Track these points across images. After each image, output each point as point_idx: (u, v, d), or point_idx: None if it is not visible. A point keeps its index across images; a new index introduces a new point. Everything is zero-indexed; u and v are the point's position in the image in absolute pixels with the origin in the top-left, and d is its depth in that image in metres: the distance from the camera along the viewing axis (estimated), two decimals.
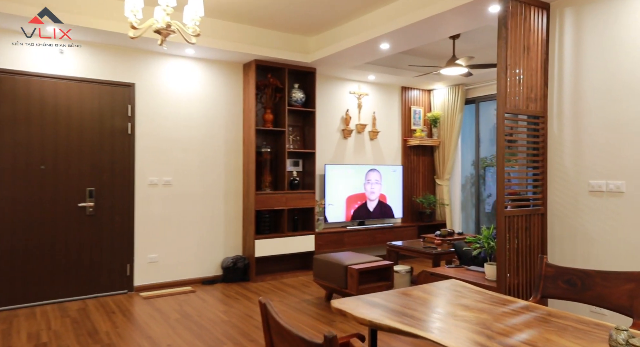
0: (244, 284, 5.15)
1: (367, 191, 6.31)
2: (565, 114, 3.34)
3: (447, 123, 6.78)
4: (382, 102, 6.66)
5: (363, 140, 6.49)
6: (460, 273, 3.67)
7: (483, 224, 7.45)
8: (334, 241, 5.85)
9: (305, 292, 4.82)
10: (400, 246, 4.89)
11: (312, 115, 5.72)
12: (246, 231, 5.39)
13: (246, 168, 5.40)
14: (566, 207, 3.34)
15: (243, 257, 5.30)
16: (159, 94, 4.95)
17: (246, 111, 5.41)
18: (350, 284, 4.03)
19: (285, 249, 5.43)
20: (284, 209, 5.43)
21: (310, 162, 5.78)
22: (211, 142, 5.29)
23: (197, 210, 5.19)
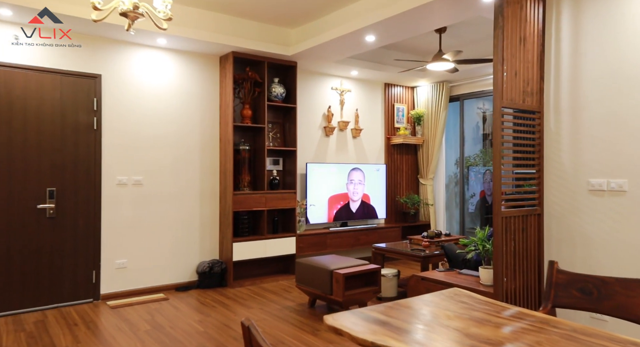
0: (221, 290, 4.84)
1: (349, 191, 6.07)
2: (563, 109, 3.17)
3: (431, 121, 6.61)
4: (365, 98, 6.44)
5: (345, 138, 6.26)
6: (452, 277, 3.46)
7: (467, 224, 7.33)
8: (316, 243, 5.59)
9: (287, 298, 4.54)
10: (386, 249, 4.67)
11: (293, 112, 5.44)
12: (223, 233, 5.08)
13: (223, 167, 5.09)
14: (564, 208, 3.16)
15: (220, 261, 4.98)
16: (128, 87, 4.60)
17: (223, 106, 5.10)
18: (336, 290, 3.78)
19: (265, 253, 5.14)
20: (264, 210, 5.14)
21: (291, 161, 5.50)
22: (185, 139, 4.96)
23: (171, 211, 4.85)
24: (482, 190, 7.78)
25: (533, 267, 3.22)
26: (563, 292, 2.03)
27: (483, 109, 7.92)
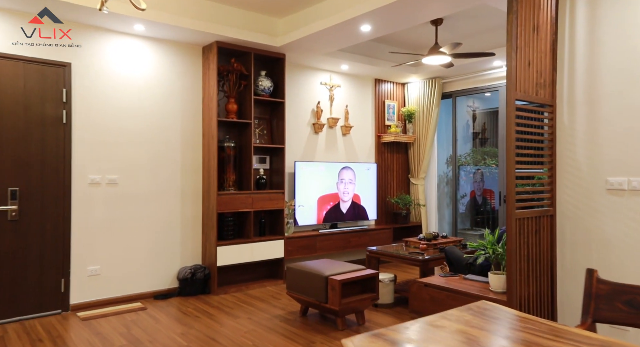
0: (205, 297, 4.49)
1: (340, 190, 5.79)
2: (577, 101, 2.95)
3: (423, 118, 6.38)
4: (355, 94, 6.17)
5: (335, 135, 5.97)
6: (458, 283, 3.21)
7: (459, 225, 7.12)
8: (305, 246, 5.28)
9: (276, 305, 4.22)
10: (382, 252, 4.40)
11: (281, 107, 5.13)
12: (206, 236, 4.73)
13: (206, 165, 4.74)
14: (579, 208, 2.94)
15: (203, 266, 4.63)
16: (102, 77, 4.21)
17: (206, 100, 4.75)
18: (332, 298, 3.48)
19: (251, 257, 4.81)
20: (250, 211, 4.81)
21: (278, 159, 5.19)
22: (165, 134, 4.59)
23: (149, 213, 4.47)
24: (472, 190, 7.62)
25: (546, 273, 2.99)
26: (606, 305, 1.78)
27: (473, 107, 7.76)
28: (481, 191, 7.64)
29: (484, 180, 7.55)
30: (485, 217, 7.59)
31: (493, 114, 7.89)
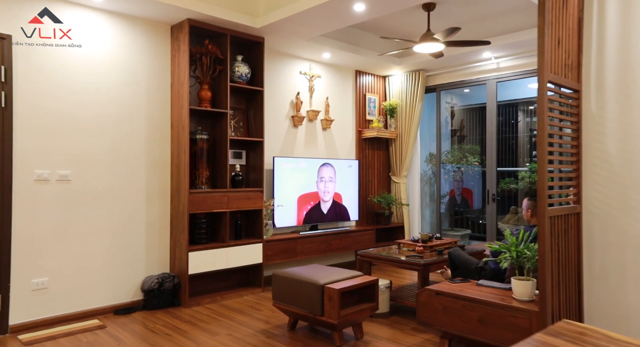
0: (174, 310, 3.92)
1: (320, 189, 5.35)
2: (607, 86, 2.65)
3: (406, 113, 6.05)
4: (335, 86, 5.75)
5: (315, 129, 5.53)
6: (473, 291, 2.84)
7: (443, 226, 6.86)
8: (285, 249, 4.80)
9: (259, 318, 3.73)
10: (375, 256, 3.99)
11: (259, 96, 4.63)
12: (176, 240, 4.16)
13: (176, 159, 4.17)
14: (610, 205, 2.65)
15: (172, 275, 4.06)
16: (52, 54, 3.57)
17: (175, 86, 4.18)
18: (329, 310, 3.04)
19: (227, 263, 4.28)
20: (226, 211, 4.28)
21: (256, 154, 4.68)
22: (127, 123, 3.99)
23: (107, 215, 3.86)
24: (451, 189, 7.38)
25: (573, 277, 2.68)
26: None
27: (451, 104, 7.53)
28: (460, 190, 7.42)
29: (463, 179, 7.34)
30: (465, 217, 7.38)
31: (472, 111, 7.71)
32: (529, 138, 7.32)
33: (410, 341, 3.20)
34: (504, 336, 2.56)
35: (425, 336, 3.29)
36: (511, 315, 2.53)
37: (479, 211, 7.25)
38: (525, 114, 7.22)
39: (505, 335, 2.55)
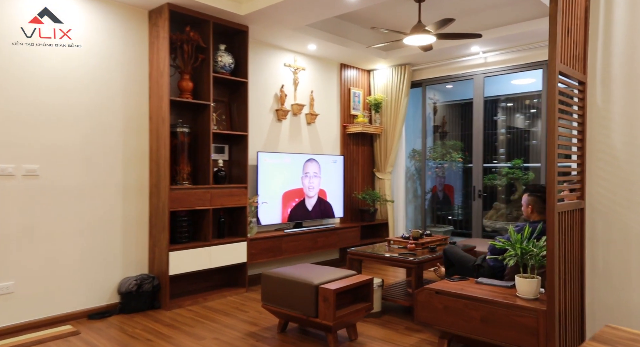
0: (154, 313, 3.68)
1: (305, 185, 5.18)
2: (614, 79, 2.59)
3: (391, 108, 5.95)
4: (320, 80, 5.58)
5: (299, 124, 5.35)
6: (475, 289, 2.74)
7: (419, 223, 6.80)
8: (270, 248, 4.61)
9: (245, 320, 3.54)
10: (367, 254, 3.85)
11: (243, 88, 4.42)
12: (156, 239, 3.91)
13: (155, 154, 3.92)
14: (614, 201, 2.59)
15: (151, 276, 3.82)
16: (15, 35, 3.28)
17: (155, 75, 3.93)
18: (324, 311, 2.88)
19: (209, 263, 4.06)
20: (209, 209, 4.06)
21: (239, 149, 4.48)
22: (102, 114, 3.72)
23: (81, 213, 3.59)
24: (434, 185, 7.34)
25: (577, 275, 2.61)
26: None
27: (434, 100, 7.48)
28: (442, 186, 7.39)
29: (445, 175, 7.31)
30: (448, 214, 7.35)
31: (454, 107, 7.68)
32: (507, 135, 7.35)
33: (406, 342, 3.08)
34: (508, 336, 2.46)
35: (421, 336, 3.18)
36: (517, 314, 2.44)
37: (460, 207, 7.24)
38: (503, 111, 7.24)
39: (510, 335, 2.46)
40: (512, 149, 7.46)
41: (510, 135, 7.37)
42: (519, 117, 7.43)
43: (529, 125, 7.42)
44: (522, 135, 7.48)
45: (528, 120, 7.28)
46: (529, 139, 7.54)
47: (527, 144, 7.40)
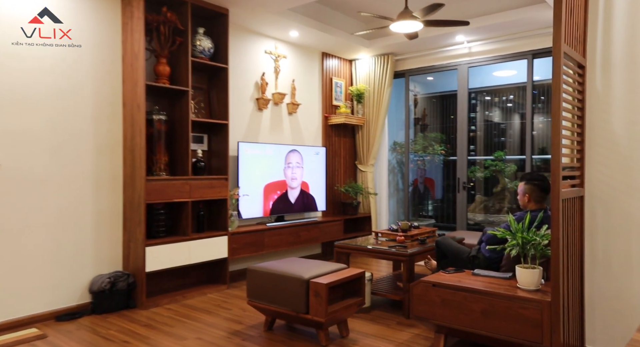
0: (130, 313, 3.44)
1: (287, 176, 5.00)
2: (614, 63, 2.52)
3: (374, 99, 5.82)
4: (301, 68, 5.40)
5: (281, 114, 5.16)
6: (473, 281, 2.64)
7: (401, 216, 6.73)
8: (252, 242, 4.42)
9: (229, 318, 3.34)
10: (355, 247, 3.71)
11: (223, 74, 4.20)
12: (130, 234, 3.66)
13: (130, 142, 3.67)
14: (615, 188, 2.53)
15: (126, 273, 3.57)
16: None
17: (128, 58, 3.67)
18: (315, 307, 2.72)
19: (189, 258, 3.84)
20: (187, 201, 3.84)
21: (219, 139, 4.26)
22: (70, 99, 3.44)
23: (47, 205, 3.31)
24: (415, 178, 7.28)
25: (577, 265, 2.54)
26: None
27: (414, 92, 7.41)
28: (423, 179, 7.34)
29: (426, 168, 7.27)
30: (429, 207, 7.31)
31: (434, 99, 7.64)
32: (485, 128, 7.35)
33: (400, 337, 2.96)
34: (511, 329, 2.37)
35: (414, 331, 3.07)
36: (519, 306, 2.34)
37: (441, 200, 7.21)
38: (481, 104, 7.24)
39: (512, 327, 2.36)
40: (489, 142, 7.47)
41: (487, 129, 7.39)
42: (497, 110, 7.45)
43: (505, 118, 7.44)
44: (499, 128, 7.51)
45: (507, 113, 7.31)
46: (505, 132, 7.58)
47: (504, 137, 7.44)
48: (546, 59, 4.89)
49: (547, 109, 6.22)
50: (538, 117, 6.84)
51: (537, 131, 7.01)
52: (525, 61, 4.88)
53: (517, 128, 7.44)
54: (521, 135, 7.19)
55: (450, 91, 7.35)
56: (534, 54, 4.79)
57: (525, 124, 7.16)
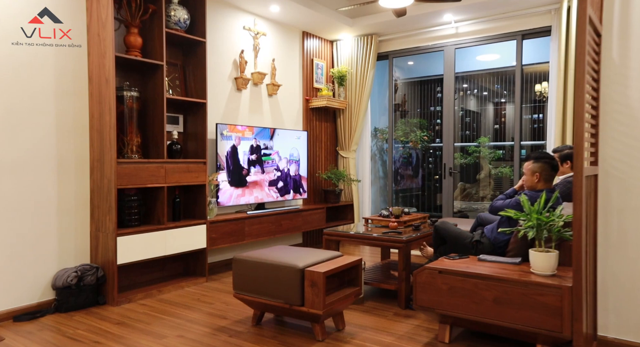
0: (99, 310, 3.10)
1: (268, 163, 4.71)
2: (633, 33, 2.36)
3: (356, 82, 5.58)
4: (282, 48, 5.10)
5: (260, 95, 4.85)
6: (478, 267, 2.46)
7: (381, 204, 6.57)
8: (232, 232, 4.12)
9: (212, 313, 3.05)
10: (346, 234, 3.48)
11: (200, 49, 3.86)
12: (99, 223, 3.30)
13: (98, 121, 3.29)
14: (631, 166, 2.39)
15: (94, 266, 3.22)
16: None
17: (94, 27, 3.28)
18: (311, 298, 2.47)
19: (165, 249, 3.52)
20: (163, 186, 3.50)
21: (196, 119, 3.92)
22: (27, 72, 3.04)
23: (2, 191, 2.92)
24: (398, 166, 7.11)
25: (591, 248, 2.38)
26: None
27: (395, 77, 7.23)
28: (404, 166, 7.19)
29: (409, 155, 7.11)
30: (409, 195, 7.17)
31: (414, 85, 7.48)
32: (461, 114, 7.26)
33: (399, 329, 2.76)
34: (527, 317, 2.19)
35: (413, 322, 2.87)
36: (536, 293, 2.17)
37: (425, 187, 7.07)
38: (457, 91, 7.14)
39: (528, 316, 2.19)
40: (469, 128, 7.39)
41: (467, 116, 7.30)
42: (473, 98, 7.36)
43: (482, 104, 7.37)
44: (475, 115, 7.43)
45: (483, 100, 7.24)
46: (484, 119, 7.51)
47: (487, 124, 7.37)
48: (534, 40, 4.77)
49: (530, 97, 6.15)
50: (510, 106, 6.81)
51: (508, 119, 6.97)
52: (514, 42, 4.74)
53: (491, 115, 7.38)
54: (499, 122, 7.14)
55: (431, 76, 7.21)
56: (524, 34, 4.66)
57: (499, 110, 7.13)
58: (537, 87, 6.60)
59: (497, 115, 7.40)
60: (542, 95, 6.37)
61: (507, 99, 7.17)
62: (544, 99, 6.16)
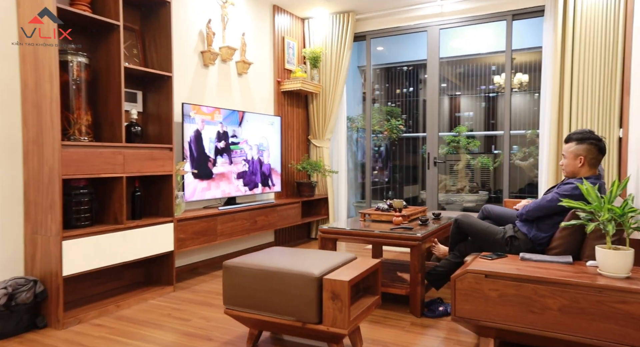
0: (38, 336, 2.39)
1: (240, 152, 4.10)
2: None
3: (331, 64, 5.08)
4: (252, 22, 4.49)
5: (229, 73, 4.22)
6: (530, 269, 2.07)
7: (351, 199, 6.16)
8: (204, 231, 3.49)
9: (189, 333, 2.44)
10: (346, 232, 2.97)
11: (164, 11, 3.18)
12: (37, 224, 2.56)
13: (33, 92, 2.55)
14: None
15: (31, 279, 2.49)
16: None
17: None
18: (332, 314, 1.95)
19: (124, 254, 2.83)
20: (121, 176, 2.81)
21: (159, 97, 3.24)
22: None
23: None
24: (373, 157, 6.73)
25: None
26: None
27: (363, 67, 6.83)
28: (379, 157, 6.82)
29: (385, 145, 6.75)
30: (379, 188, 6.81)
31: (383, 72, 7.12)
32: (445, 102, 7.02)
33: (426, 344, 2.31)
34: (605, 330, 1.82)
35: (438, 334, 2.44)
36: (617, 300, 1.80)
37: (403, 179, 6.74)
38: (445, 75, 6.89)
39: (607, 328, 1.82)
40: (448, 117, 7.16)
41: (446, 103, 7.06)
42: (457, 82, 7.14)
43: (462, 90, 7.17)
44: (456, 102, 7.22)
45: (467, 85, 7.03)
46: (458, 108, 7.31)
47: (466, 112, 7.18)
48: (524, 22, 4.52)
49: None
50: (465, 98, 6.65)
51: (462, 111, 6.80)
52: (504, 23, 4.46)
53: (446, 106, 7.19)
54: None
55: (402, 63, 6.88)
56: (514, 14, 4.38)
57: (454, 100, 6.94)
58: (497, 79, 6.47)
59: (452, 107, 7.25)
60: (500, 87, 6.24)
61: (462, 91, 7.02)
62: (502, 90, 6.04)
